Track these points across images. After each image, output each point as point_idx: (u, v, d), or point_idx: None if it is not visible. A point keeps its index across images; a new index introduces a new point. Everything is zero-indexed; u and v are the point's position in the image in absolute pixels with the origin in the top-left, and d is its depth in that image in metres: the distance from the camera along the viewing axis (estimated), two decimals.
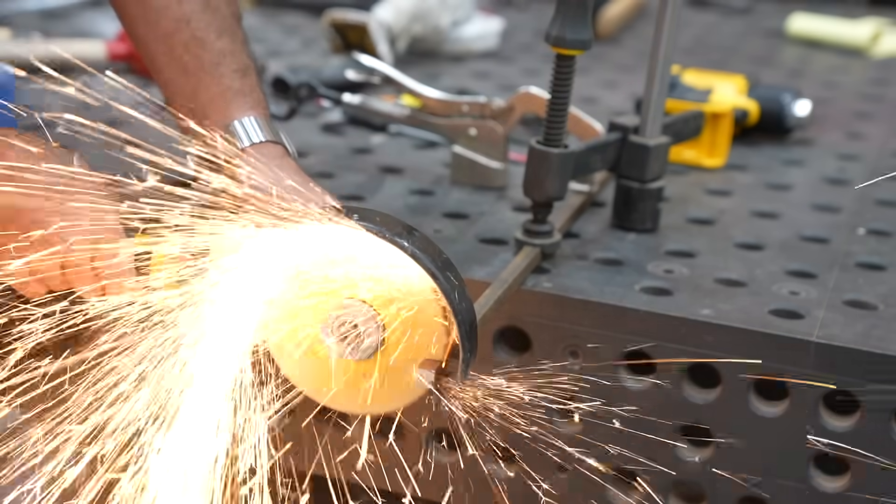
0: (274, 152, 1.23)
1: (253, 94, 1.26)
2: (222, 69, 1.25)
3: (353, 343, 1.09)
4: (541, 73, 2.07)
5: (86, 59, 1.98)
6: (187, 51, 1.25)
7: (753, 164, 1.74)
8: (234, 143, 1.22)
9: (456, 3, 2.18)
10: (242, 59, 1.27)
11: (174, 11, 1.25)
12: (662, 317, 1.22)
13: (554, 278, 1.29)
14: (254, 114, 1.25)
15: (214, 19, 1.26)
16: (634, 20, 2.57)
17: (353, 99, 1.63)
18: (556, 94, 1.29)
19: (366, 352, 1.09)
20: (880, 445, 1.19)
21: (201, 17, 1.25)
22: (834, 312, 1.25)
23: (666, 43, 1.38)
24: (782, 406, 1.21)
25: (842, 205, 1.59)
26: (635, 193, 1.42)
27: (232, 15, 1.29)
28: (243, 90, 1.26)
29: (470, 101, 1.57)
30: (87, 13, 2.34)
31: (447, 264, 1.07)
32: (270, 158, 1.22)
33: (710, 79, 1.80)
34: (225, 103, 1.25)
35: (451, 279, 1.06)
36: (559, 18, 1.25)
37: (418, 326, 1.08)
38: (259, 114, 1.25)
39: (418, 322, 1.08)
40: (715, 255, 1.39)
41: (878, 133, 1.93)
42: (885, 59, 2.42)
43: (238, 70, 1.26)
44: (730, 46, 2.47)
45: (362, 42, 2.03)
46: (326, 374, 1.13)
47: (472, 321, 1.07)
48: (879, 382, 1.17)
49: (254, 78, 1.28)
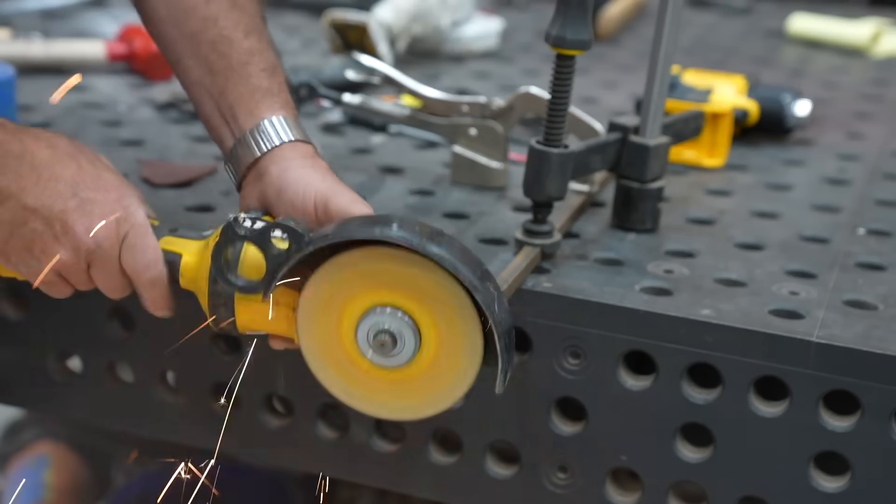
0: (305, 151, 1.23)
1: (281, 93, 1.26)
2: (250, 68, 1.24)
3: (388, 351, 1.09)
4: (541, 73, 2.07)
5: (86, 59, 2.00)
6: (214, 49, 1.24)
7: (753, 164, 1.74)
8: (261, 142, 1.22)
9: (456, 3, 2.18)
10: (270, 58, 1.26)
11: (202, 11, 1.24)
12: (662, 317, 1.22)
13: (554, 278, 1.29)
14: (283, 113, 1.24)
15: (242, 18, 1.25)
16: (634, 20, 2.57)
17: (353, 99, 1.63)
18: (556, 94, 1.29)
19: (401, 359, 1.10)
20: (880, 445, 1.19)
21: (229, 15, 1.24)
22: (834, 312, 1.25)
23: (666, 43, 1.38)
24: (782, 406, 1.21)
25: (842, 205, 1.59)
26: (635, 193, 1.42)
27: (258, 14, 1.28)
28: (272, 90, 1.25)
29: (470, 101, 1.57)
30: (87, 13, 2.34)
31: (486, 275, 1.07)
32: (302, 157, 1.22)
33: (710, 79, 1.80)
34: (254, 102, 1.24)
35: (489, 289, 1.07)
36: (559, 18, 1.25)
37: (453, 333, 1.09)
38: (288, 113, 1.25)
39: (452, 329, 1.08)
40: (715, 255, 1.39)
41: (878, 133, 1.93)
42: (885, 59, 2.42)
43: (266, 69, 1.25)
44: (730, 46, 2.47)
45: (362, 42, 2.03)
46: (359, 379, 1.13)
47: (510, 331, 1.08)
48: (879, 382, 1.17)
49: (281, 78, 1.27)
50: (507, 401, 1.30)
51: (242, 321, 1.16)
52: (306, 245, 1.09)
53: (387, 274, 1.08)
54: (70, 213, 1.11)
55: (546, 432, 1.29)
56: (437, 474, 1.36)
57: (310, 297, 1.11)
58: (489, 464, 1.34)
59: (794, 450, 1.22)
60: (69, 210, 1.11)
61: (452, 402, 1.14)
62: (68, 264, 1.13)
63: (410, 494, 1.71)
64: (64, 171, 1.12)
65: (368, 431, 1.37)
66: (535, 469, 1.32)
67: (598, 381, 1.26)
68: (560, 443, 1.29)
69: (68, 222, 1.11)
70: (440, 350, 1.10)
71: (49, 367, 1.48)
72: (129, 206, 1.14)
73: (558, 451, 1.30)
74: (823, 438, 1.20)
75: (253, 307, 1.14)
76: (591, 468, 1.30)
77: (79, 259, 1.12)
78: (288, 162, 1.20)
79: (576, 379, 1.26)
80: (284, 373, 1.38)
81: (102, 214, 1.12)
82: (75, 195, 1.12)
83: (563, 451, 1.30)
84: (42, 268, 1.13)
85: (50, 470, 2.34)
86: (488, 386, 1.30)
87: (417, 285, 1.08)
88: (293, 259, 1.09)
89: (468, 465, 1.34)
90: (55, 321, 1.46)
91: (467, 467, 1.34)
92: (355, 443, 1.38)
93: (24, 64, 1.89)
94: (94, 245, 1.12)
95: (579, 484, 1.30)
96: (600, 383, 1.26)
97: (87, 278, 1.16)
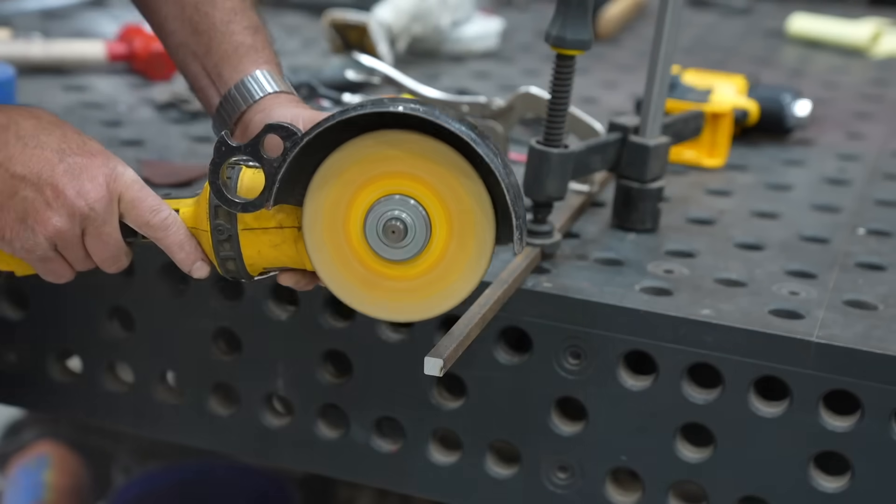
0: (290, 98, 1.24)
1: (265, 50, 1.28)
2: (233, 26, 1.27)
3: (400, 239, 1.07)
4: (541, 73, 2.07)
5: (86, 59, 2.00)
6: (197, 10, 1.27)
7: (753, 164, 1.74)
8: (246, 95, 1.23)
9: (456, 3, 2.18)
10: (252, 17, 1.29)
11: None
12: (662, 317, 1.22)
13: (554, 278, 1.29)
14: (267, 67, 1.26)
15: None
16: (634, 20, 2.57)
17: (353, 99, 1.63)
18: (556, 94, 1.29)
19: (414, 248, 1.07)
20: (880, 445, 1.19)
21: None
22: (834, 312, 1.25)
23: (666, 43, 1.38)
24: (782, 406, 1.21)
25: (842, 205, 1.59)
26: (635, 193, 1.42)
27: None
28: (255, 45, 1.27)
29: (470, 101, 1.57)
30: (87, 13, 2.34)
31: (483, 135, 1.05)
32: (287, 101, 1.23)
33: (710, 79, 1.80)
34: (238, 58, 1.26)
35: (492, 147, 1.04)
36: (559, 18, 1.25)
37: (462, 208, 1.06)
38: (273, 68, 1.26)
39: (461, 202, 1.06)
40: (715, 255, 1.39)
41: (878, 133, 1.93)
42: (885, 59, 2.42)
43: (249, 27, 1.28)
44: (730, 46, 2.47)
45: (362, 42, 2.03)
46: (377, 284, 1.10)
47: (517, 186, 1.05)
48: (879, 382, 1.17)
49: (264, 35, 1.29)
50: (507, 401, 1.30)
51: (249, 255, 1.12)
52: (301, 139, 1.06)
53: (389, 158, 1.06)
54: (59, 177, 1.11)
55: (546, 432, 1.30)
56: (437, 474, 1.36)
57: (313, 204, 1.08)
58: (489, 464, 1.34)
59: (794, 450, 1.22)
60: (58, 174, 1.11)
61: (476, 283, 1.09)
62: (63, 231, 1.11)
63: (410, 494, 1.71)
64: (49, 138, 1.12)
65: (368, 431, 1.37)
66: (535, 469, 1.32)
67: (598, 381, 1.26)
68: (560, 443, 1.29)
69: (58, 186, 1.11)
70: (452, 233, 1.07)
71: (49, 367, 1.48)
72: (116, 167, 1.13)
73: (558, 451, 1.30)
74: (823, 438, 1.20)
75: (258, 238, 1.11)
76: (591, 468, 1.30)
77: (73, 225, 1.11)
78: (273, 108, 1.21)
79: (576, 379, 1.26)
80: (284, 373, 1.38)
81: (92, 177, 1.11)
82: (62, 160, 1.11)
83: (563, 451, 1.30)
84: (38, 241, 1.12)
85: (50, 470, 2.34)
86: (489, 386, 1.30)
87: (421, 163, 1.05)
88: (290, 155, 1.06)
89: (468, 465, 1.34)
90: (55, 321, 1.46)
91: (467, 467, 1.34)
92: (355, 443, 1.38)
93: (24, 64, 1.89)
94: (87, 209, 1.11)
95: (579, 484, 1.30)
96: (600, 383, 1.26)
97: (83, 251, 1.14)
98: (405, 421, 1.35)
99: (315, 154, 1.07)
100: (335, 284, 1.10)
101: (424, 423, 1.35)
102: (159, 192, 1.15)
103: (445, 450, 1.36)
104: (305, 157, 1.07)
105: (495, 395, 1.30)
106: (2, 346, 1.49)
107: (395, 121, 1.05)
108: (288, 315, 1.36)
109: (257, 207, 1.09)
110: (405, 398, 1.34)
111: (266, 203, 1.08)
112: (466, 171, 1.05)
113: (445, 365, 1.07)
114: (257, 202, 1.08)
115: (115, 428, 1.75)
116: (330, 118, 1.05)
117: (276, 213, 1.11)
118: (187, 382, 1.45)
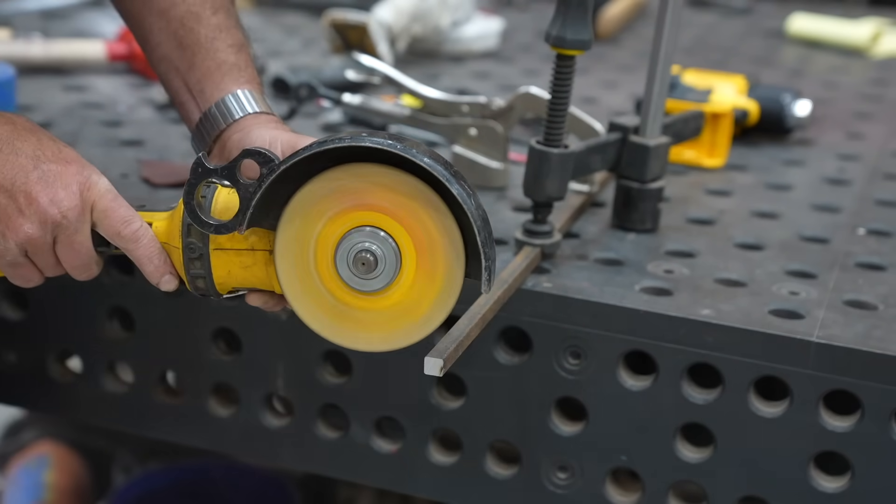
0: (269, 119, 1.24)
1: (248, 69, 1.28)
2: (217, 43, 1.26)
3: (370, 270, 1.07)
4: (541, 73, 2.07)
5: (86, 59, 2.00)
6: (183, 25, 1.26)
7: (753, 164, 1.74)
8: (227, 114, 1.23)
9: (456, 3, 2.18)
10: (237, 35, 1.29)
11: None
12: (662, 317, 1.22)
13: (554, 278, 1.29)
14: (249, 87, 1.26)
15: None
16: (634, 20, 2.57)
17: (353, 99, 1.63)
18: (556, 94, 1.29)
19: (384, 280, 1.08)
20: (880, 445, 1.19)
21: None
22: (834, 312, 1.25)
23: (666, 43, 1.38)
24: (782, 406, 1.21)
25: (842, 205, 1.59)
26: (635, 193, 1.42)
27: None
28: (238, 64, 1.27)
29: (470, 101, 1.56)
30: (87, 13, 2.34)
31: (458, 174, 1.06)
32: (266, 121, 1.23)
33: (710, 79, 1.80)
34: (220, 75, 1.26)
35: (465, 187, 1.05)
36: (559, 18, 1.25)
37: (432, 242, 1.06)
38: (254, 87, 1.26)
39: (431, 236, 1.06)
40: (715, 255, 1.39)
41: (878, 133, 1.93)
42: (885, 59, 2.42)
43: (233, 45, 1.27)
44: (730, 46, 2.47)
45: (362, 42, 2.03)
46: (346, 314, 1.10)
47: (487, 223, 1.06)
48: (879, 382, 1.17)
49: (248, 54, 1.29)
50: (507, 401, 1.30)
51: (219, 274, 1.12)
52: (278, 167, 1.06)
53: (361, 190, 1.06)
54: (33, 184, 1.10)
55: (546, 432, 1.30)
56: (437, 474, 1.36)
57: (286, 231, 1.09)
58: (489, 464, 1.34)
59: (794, 450, 1.22)
60: (31, 182, 1.10)
61: (444, 317, 1.09)
62: (34, 238, 1.11)
63: (410, 494, 1.71)
64: (24, 144, 1.12)
65: (368, 431, 1.37)
66: (535, 469, 1.32)
67: (598, 381, 1.26)
68: (560, 443, 1.29)
69: (32, 193, 1.10)
70: (421, 266, 1.07)
71: (49, 367, 1.48)
72: (90, 176, 1.13)
73: (558, 451, 1.30)
74: (823, 438, 1.21)
75: (229, 259, 1.12)
76: (591, 468, 1.30)
77: (45, 233, 1.11)
78: (252, 128, 1.21)
79: (576, 379, 1.26)
80: (284, 373, 1.38)
81: (66, 185, 1.11)
82: (37, 167, 1.11)
83: (563, 451, 1.30)
84: (8, 246, 1.11)
85: (50, 470, 2.34)
86: (488, 386, 1.30)
87: (393, 197, 1.06)
88: (266, 182, 1.06)
89: (468, 465, 1.34)
90: (55, 321, 1.46)
91: (467, 467, 1.34)
92: (355, 443, 1.38)
93: (24, 64, 1.89)
94: (59, 217, 1.11)
95: (579, 484, 1.30)
96: (600, 383, 1.26)
97: (53, 258, 1.14)
98: (405, 421, 1.35)
99: (291, 181, 1.07)
100: (304, 311, 1.11)
101: (424, 423, 1.35)
102: (134, 205, 1.15)
103: (445, 450, 1.36)
104: (281, 184, 1.07)
105: (495, 395, 1.30)
106: (2, 346, 1.49)
107: (371, 155, 1.06)
108: (288, 315, 1.36)
109: (230, 230, 1.09)
110: (405, 398, 1.34)
111: (239, 227, 1.09)
112: (438, 206, 1.05)
113: (445, 365, 1.07)
114: (230, 225, 1.09)
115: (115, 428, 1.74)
116: (308, 148, 1.06)
117: (249, 236, 1.11)
118: (187, 383, 1.45)
